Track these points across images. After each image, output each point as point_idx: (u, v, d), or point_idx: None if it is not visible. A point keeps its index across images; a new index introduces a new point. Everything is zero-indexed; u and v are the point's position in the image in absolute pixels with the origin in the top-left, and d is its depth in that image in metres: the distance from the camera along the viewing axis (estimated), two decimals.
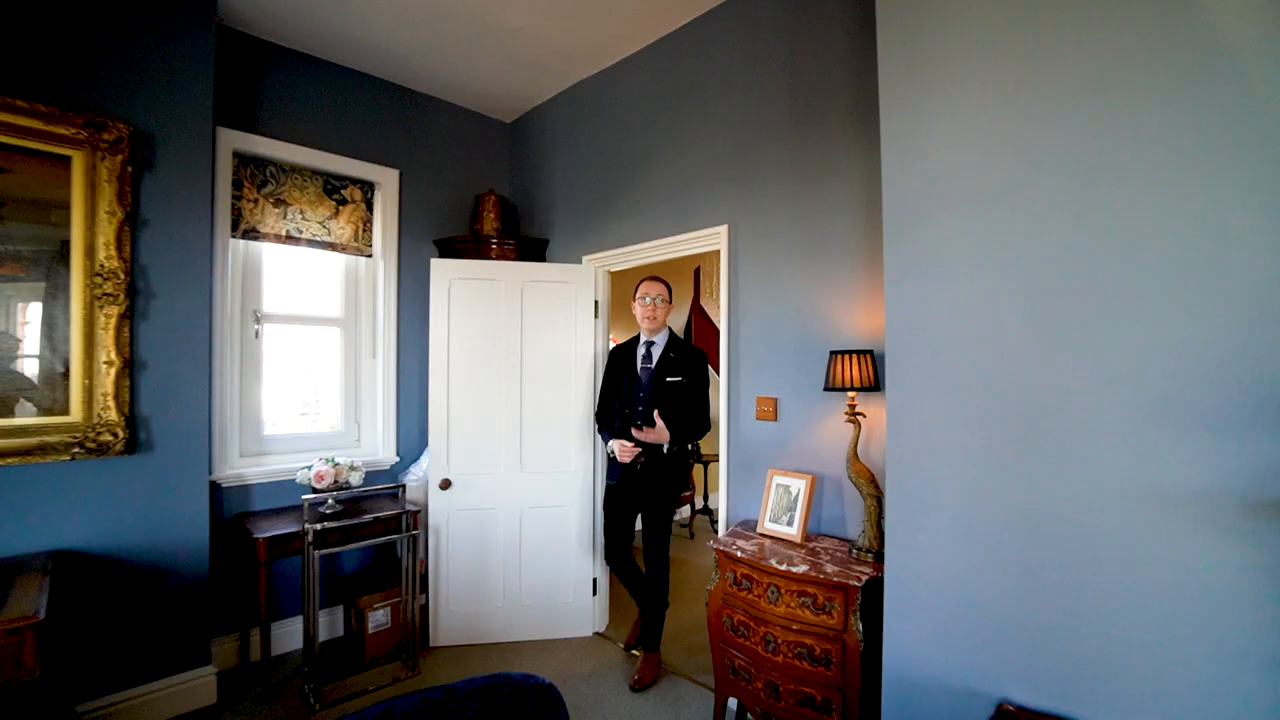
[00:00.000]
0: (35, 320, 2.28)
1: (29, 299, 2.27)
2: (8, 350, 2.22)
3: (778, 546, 2.17)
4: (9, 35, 2.22)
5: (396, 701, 1.09)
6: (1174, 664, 1.16)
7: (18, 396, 2.23)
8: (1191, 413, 1.14)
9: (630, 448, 2.74)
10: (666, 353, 2.86)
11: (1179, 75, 1.17)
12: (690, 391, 2.80)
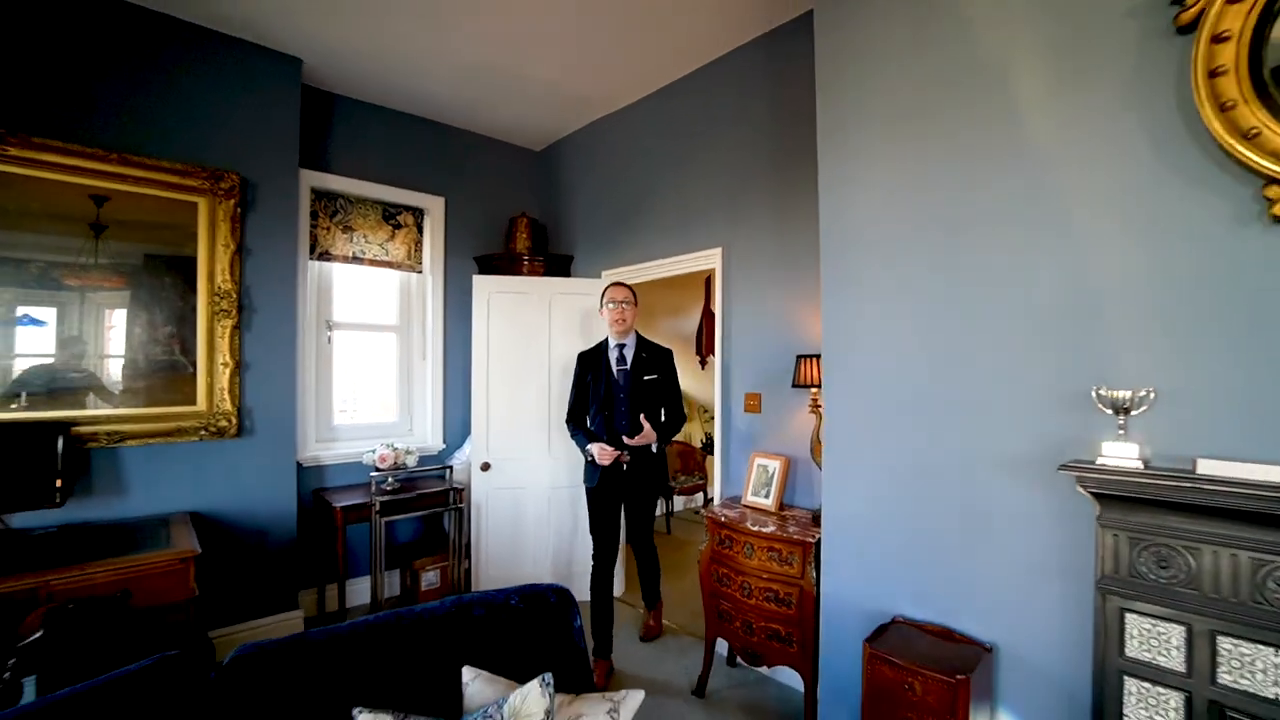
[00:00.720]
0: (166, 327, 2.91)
1: (167, 310, 2.90)
2: (160, 354, 2.85)
3: (755, 514, 2.67)
4: (156, 114, 2.84)
5: (466, 596, 1.63)
6: (1005, 578, 1.63)
7: (147, 390, 2.86)
8: (1019, 403, 1.61)
9: (610, 451, 2.82)
10: (639, 353, 2.99)
11: (1003, 166, 1.63)
12: (665, 387, 2.99)
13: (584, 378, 3.05)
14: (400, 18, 2.89)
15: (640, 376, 2.94)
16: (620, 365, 2.98)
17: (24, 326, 2.58)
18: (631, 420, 2.87)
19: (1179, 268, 1.37)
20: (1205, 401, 1.33)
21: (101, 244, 2.73)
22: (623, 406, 2.91)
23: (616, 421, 2.91)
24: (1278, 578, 1.20)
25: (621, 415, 2.91)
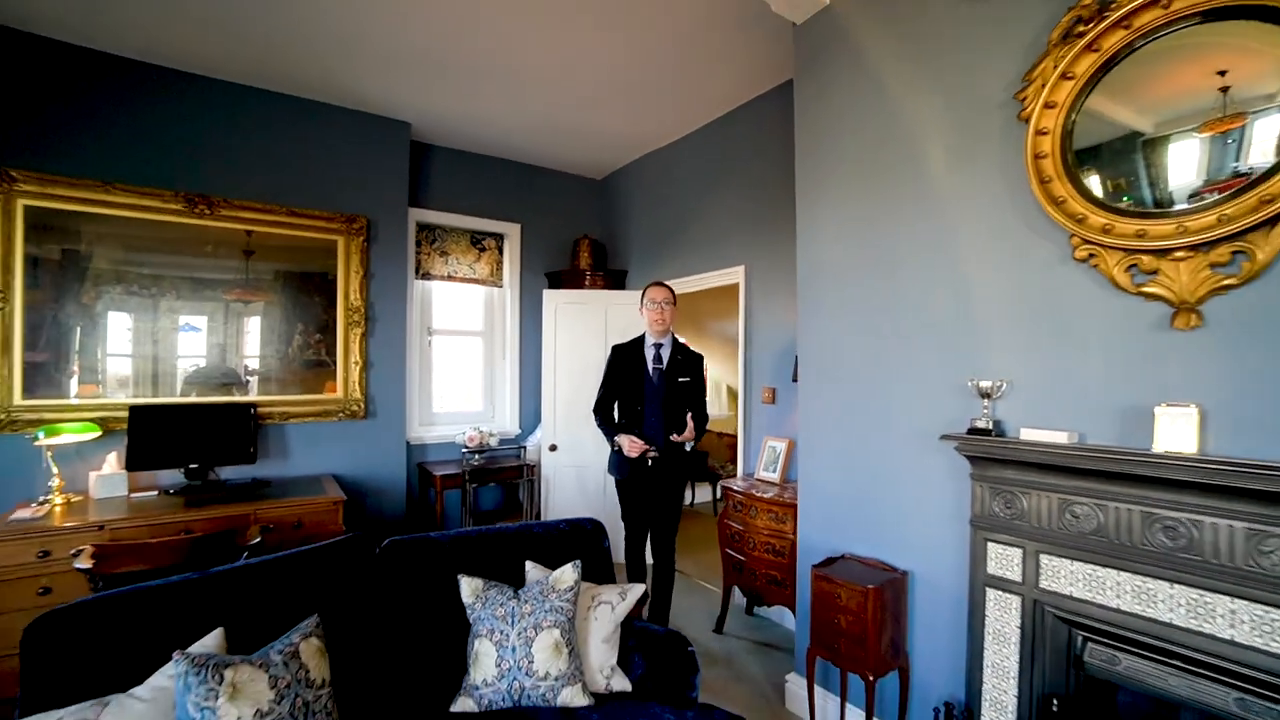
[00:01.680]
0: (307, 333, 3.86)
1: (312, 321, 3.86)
2: (311, 355, 3.81)
3: (763, 485, 3.28)
4: (311, 175, 3.80)
5: (531, 521, 2.36)
6: (918, 523, 2.17)
7: (302, 382, 3.82)
8: (926, 393, 2.14)
9: (639, 443, 2.84)
10: (674, 355, 3.04)
11: (917, 216, 2.16)
12: (695, 390, 3.06)
13: (618, 371, 3.06)
14: (486, 88, 3.70)
15: (675, 377, 3.00)
16: (656, 364, 3.03)
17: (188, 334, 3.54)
18: (662, 419, 2.94)
19: (1023, 293, 1.89)
20: (1033, 388, 1.86)
21: (262, 269, 3.71)
22: (654, 404, 2.97)
23: (647, 418, 2.97)
24: (1074, 510, 1.72)
25: (652, 413, 2.96)
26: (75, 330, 3.24)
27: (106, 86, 3.29)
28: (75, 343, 3.24)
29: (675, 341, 3.09)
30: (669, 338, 3.07)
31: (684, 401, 3.00)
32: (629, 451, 2.86)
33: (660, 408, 2.96)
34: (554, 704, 1.78)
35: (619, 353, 3.11)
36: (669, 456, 2.93)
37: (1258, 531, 1.41)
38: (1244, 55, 1.49)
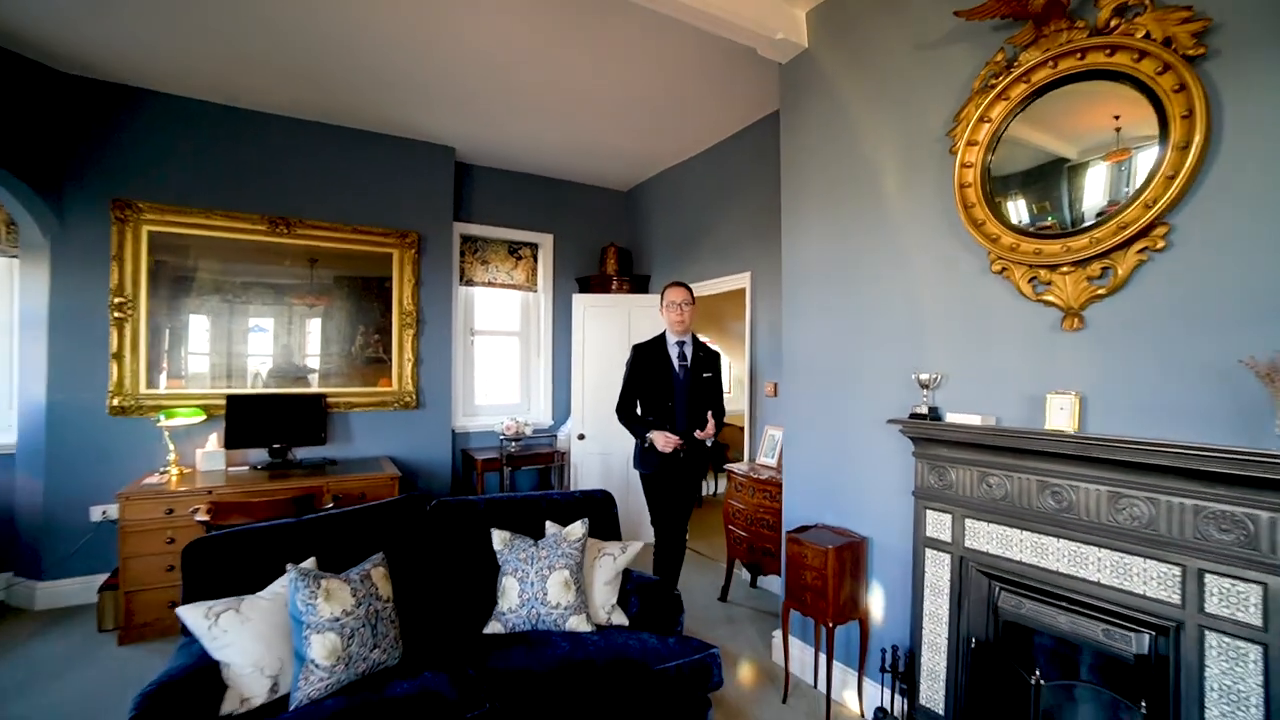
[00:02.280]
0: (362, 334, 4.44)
1: (367, 322, 4.44)
2: (370, 353, 4.40)
3: (761, 469, 3.67)
4: (370, 197, 4.39)
5: (550, 491, 2.83)
6: (876, 496, 2.54)
7: (362, 376, 4.40)
8: (882, 384, 2.50)
9: (673, 439, 2.94)
10: (696, 352, 3.16)
11: (875, 231, 2.52)
12: (715, 386, 3.19)
13: (642, 370, 3.14)
14: (522, 116, 4.20)
15: (699, 374, 3.13)
16: (682, 361, 3.13)
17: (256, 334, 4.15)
18: (690, 414, 3.06)
19: (954, 299, 2.25)
20: (963, 379, 2.21)
21: (325, 277, 4.31)
22: (682, 400, 3.08)
23: (676, 414, 3.07)
24: (989, 480, 2.07)
25: (681, 408, 3.07)
26: (183, 331, 3.90)
27: (206, 129, 3.94)
28: (184, 341, 3.90)
29: (695, 339, 3.21)
30: (689, 335, 3.18)
31: (706, 396, 3.13)
32: (664, 447, 2.94)
33: (688, 404, 3.09)
34: (563, 628, 2.24)
35: (642, 352, 3.18)
36: (693, 450, 3.06)
37: (1115, 494, 1.75)
38: (1128, 103, 1.82)
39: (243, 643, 1.80)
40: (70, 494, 3.65)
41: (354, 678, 1.86)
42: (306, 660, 1.80)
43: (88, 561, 3.68)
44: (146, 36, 3.20)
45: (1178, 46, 1.64)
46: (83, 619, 3.43)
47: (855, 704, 2.60)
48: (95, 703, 2.61)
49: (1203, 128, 1.60)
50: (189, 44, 3.27)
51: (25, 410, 3.70)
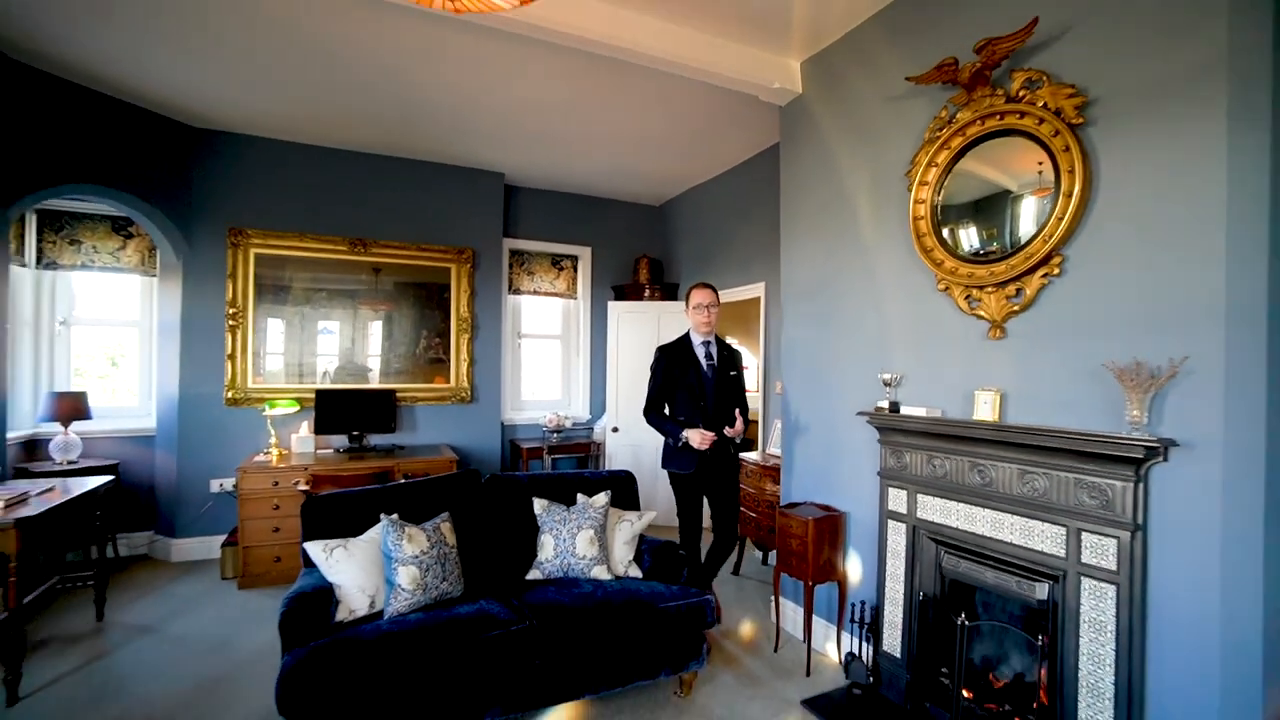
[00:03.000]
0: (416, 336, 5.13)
1: (423, 325, 5.12)
2: (432, 354, 5.09)
3: (769, 458, 4.15)
4: (433, 217, 5.08)
5: (581, 470, 3.40)
6: (852, 477, 2.99)
7: (425, 374, 5.09)
8: (859, 383, 2.96)
9: (709, 435, 3.05)
10: (721, 351, 3.31)
11: (853, 251, 2.96)
12: (740, 383, 3.38)
13: (669, 371, 3.24)
14: (563, 150, 4.81)
15: (726, 372, 3.26)
16: (709, 361, 3.25)
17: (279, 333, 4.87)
18: (719, 412, 3.18)
19: (911, 312, 2.69)
20: (918, 378, 2.65)
21: (389, 286, 5.02)
22: (712, 399, 3.20)
23: (711, 415, 3.17)
24: (934, 462, 2.51)
25: (712, 407, 3.19)
26: (280, 334, 4.66)
27: (300, 166, 4.70)
28: (280, 343, 4.67)
29: (718, 339, 3.33)
30: (714, 335, 3.31)
31: (732, 394, 3.27)
32: (701, 445, 3.04)
33: (716, 402, 3.21)
34: (588, 576, 2.80)
35: (669, 353, 3.28)
36: (725, 446, 3.18)
37: (1023, 470, 2.18)
38: (1042, 154, 2.24)
39: (350, 570, 2.43)
40: (196, 470, 4.45)
41: (429, 601, 2.47)
42: (395, 585, 2.42)
43: (208, 525, 4.48)
44: (254, 95, 3.94)
45: (1065, 116, 2.06)
46: (208, 569, 4.22)
47: (834, 653, 3.07)
48: (227, 627, 3.34)
49: (1081, 181, 2.02)
50: (288, 99, 4.00)
51: (162, 401, 4.53)
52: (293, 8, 2.93)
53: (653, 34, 2.95)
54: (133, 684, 2.78)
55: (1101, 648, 1.96)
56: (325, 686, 2.04)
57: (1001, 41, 2.20)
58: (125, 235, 4.53)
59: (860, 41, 3.01)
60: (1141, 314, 1.92)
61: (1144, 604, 1.89)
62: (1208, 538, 1.76)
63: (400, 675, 2.16)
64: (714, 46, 3.11)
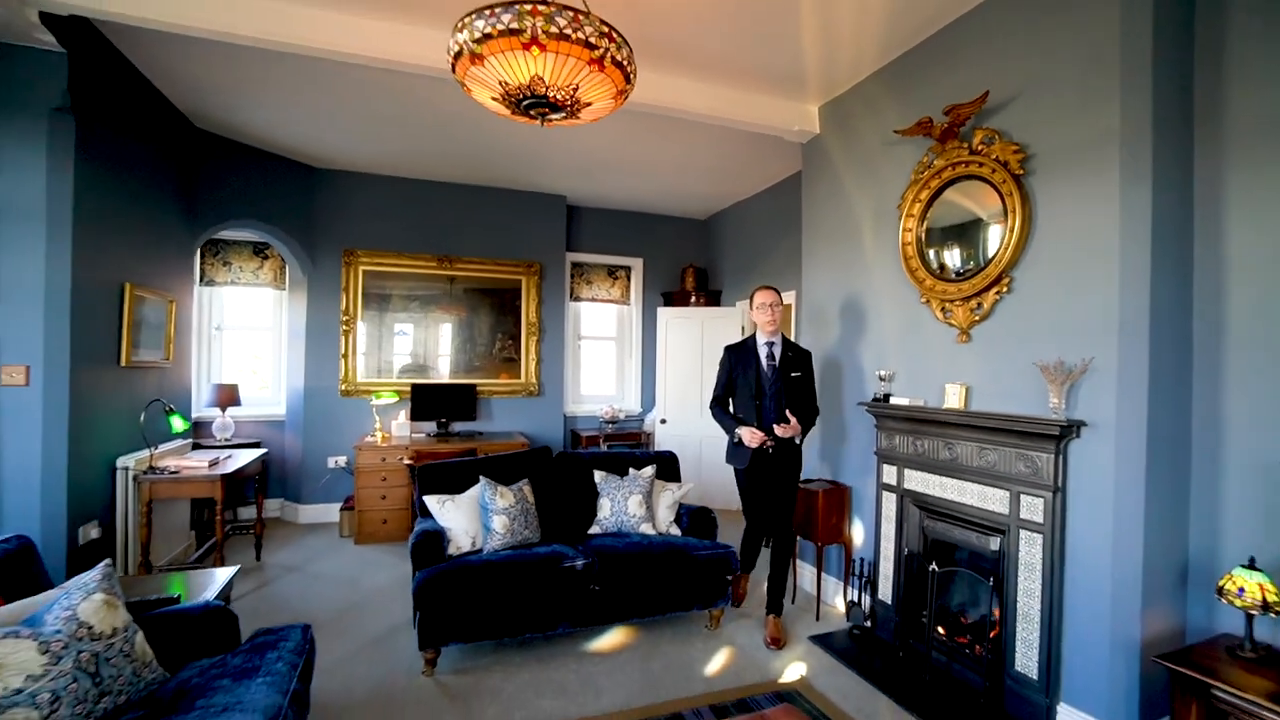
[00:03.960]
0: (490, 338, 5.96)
1: (494, 329, 5.95)
2: (505, 354, 5.92)
3: None
4: (506, 236, 5.92)
5: (633, 449, 4.11)
6: (856, 457, 3.57)
7: (500, 371, 5.92)
8: (861, 377, 3.54)
9: (759, 434, 3.15)
10: (785, 352, 3.34)
11: (860, 267, 3.54)
12: (806, 384, 3.36)
13: (733, 369, 3.38)
14: (618, 175, 5.54)
15: (788, 373, 3.30)
16: (770, 361, 3.32)
17: (381, 337, 5.75)
18: (778, 411, 3.23)
19: (902, 319, 3.27)
20: (907, 374, 3.23)
21: (465, 294, 5.87)
22: (770, 398, 3.26)
23: (764, 411, 3.26)
24: (917, 443, 3.08)
25: (769, 406, 3.26)
26: (380, 337, 5.60)
27: (398, 196, 5.61)
28: (382, 344, 5.60)
29: (785, 339, 3.39)
30: (779, 336, 3.37)
31: (797, 394, 3.30)
32: (750, 442, 3.16)
33: (775, 401, 3.26)
34: (638, 531, 3.51)
35: (734, 352, 3.42)
36: (783, 447, 3.24)
37: (980, 447, 2.74)
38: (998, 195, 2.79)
39: (457, 517, 3.23)
40: (316, 449, 5.43)
41: (515, 543, 3.23)
42: (490, 529, 3.20)
43: (325, 494, 5.44)
44: (364, 141, 4.85)
45: (1010, 167, 2.62)
46: (328, 530, 5.17)
47: (841, 604, 3.67)
48: (352, 570, 4.23)
49: (1022, 219, 2.57)
50: (390, 143, 4.89)
51: (290, 392, 5.54)
52: (406, 80, 3.75)
53: (694, 95, 3.63)
54: (293, 603, 3.67)
55: (1032, 583, 2.51)
56: (446, 594, 2.83)
57: (962, 108, 2.76)
58: (262, 257, 5.56)
59: (865, 92, 3.59)
60: (1063, 324, 2.46)
61: (1062, 548, 2.44)
62: (1105, 497, 2.30)
63: (497, 592, 2.92)
64: (745, 101, 3.77)
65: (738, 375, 3.37)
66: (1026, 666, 2.54)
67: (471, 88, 1.93)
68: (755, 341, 3.38)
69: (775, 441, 3.21)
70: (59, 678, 1.53)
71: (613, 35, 1.78)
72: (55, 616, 1.63)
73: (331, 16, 2.97)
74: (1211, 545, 2.25)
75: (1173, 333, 2.27)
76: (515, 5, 1.66)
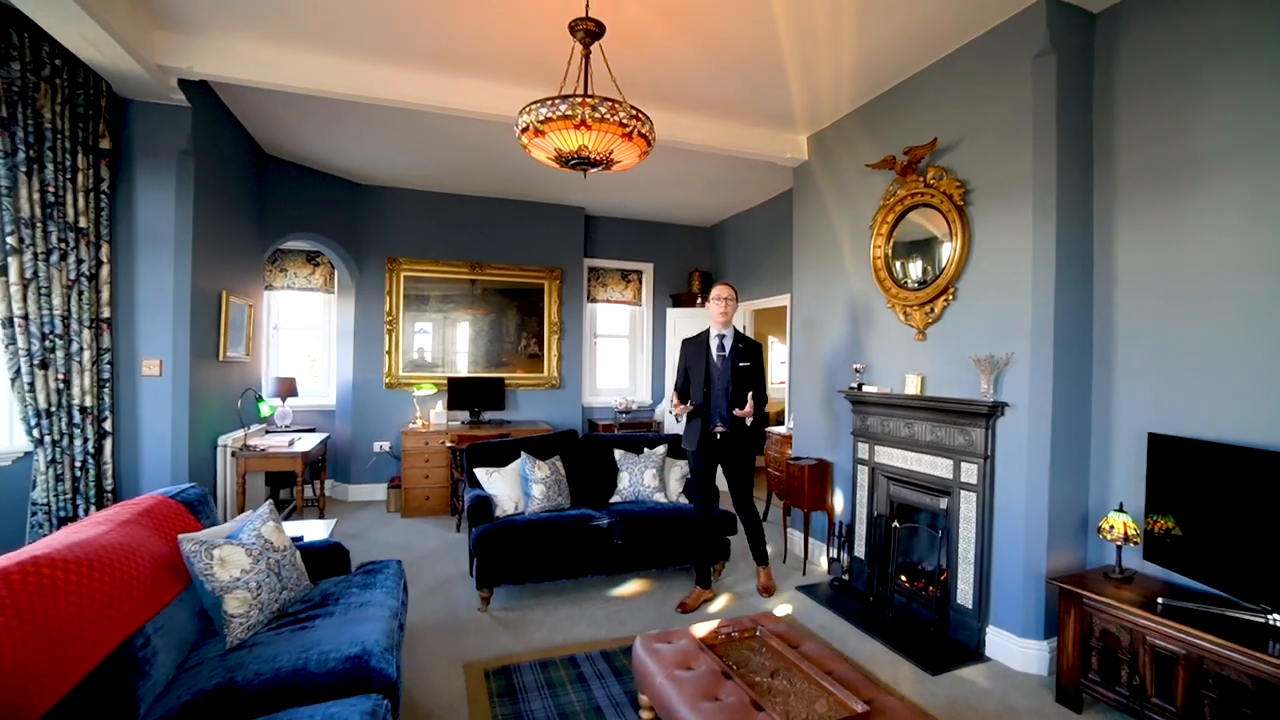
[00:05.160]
0: (517, 336, 6.62)
1: (521, 328, 6.62)
2: (530, 350, 6.59)
3: (789, 431, 5.39)
4: (531, 243, 6.58)
5: (648, 433, 4.76)
6: (836, 436, 4.22)
7: (525, 366, 6.59)
8: (843, 370, 4.17)
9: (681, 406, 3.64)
10: (736, 344, 3.68)
11: (840, 276, 4.16)
12: (755, 373, 3.70)
13: (689, 360, 3.76)
14: (634, 188, 6.19)
15: (736, 363, 3.67)
16: (720, 352, 3.68)
17: (420, 335, 6.42)
18: (728, 398, 3.60)
19: (873, 321, 3.90)
20: (877, 366, 3.86)
21: (495, 296, 6.54)
22: (720, 386, 3.64)
23: (714, 398, 3.64)
24: (885, 423, 3.72)
25: (719, 394, 3.63)
26: (414, 334, 6.27)
27: (436, 209, 6.28)
28: (420, 341, 6.28)
29: (736, 332, 3.74)
30: (730, 330, 3.71)
31: (746, 383, 3.64)
32: (676, 413, 3.68)
33: (726, 389, 3.62)
34: (651, 499, 4.16)
35: (688, 344, 3.83)
36: (735, 430, 3.60)
37: (931, 425, 3.38)
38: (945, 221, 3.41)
39: (502, 486, 3.89)
40: (364, 434, 6.11)
41: (551, 507, 3.89)
42: (530, 496, 3.86)
43: (371, 475, 6.13)
44: (406, 161, 5.52)
45: (954, 199, 3.25)
46: (375, 506, 5.86)
47: (824, 562, 4.31)
48: (403, 538, 4.91)
49: (963, 241, 3.20)
50: (428, 163, 5.55)
51: (339, 385, 6.23)
52: (449, 118, 4.40)
53: (700, 130, 4.27)
54: (362, 560, 4.34)
55: (970, 533, 3.15)
56: (497, 546, 3.49)
57: (918, 149, 3.40)
58: (314, 264, 6.24)
59: (843, 129, 4.22)
60: (993, 326, 3.09)
61: (991, 504, 3.07)
62: (1021, 462, 2.93)
63: (538, 545, 3.58)
64: (743, 133, 4.40)
65: (691, 365, 3.71)
66: (965, 599, 3.17)
67: (532, 150, 2.58)
68: (709, 334, 3.75)
69: (726, 428, 3.56)
70: (258, 573, 2.21)
71: (640, 116, 2.42)
72: (248, 534, 2.30)
73: (400, 74, 3.62)
74: (1104, 499, 2.88)
75: (1074, 333, 2.89)
76: (570, 98, 2.31)
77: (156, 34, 3.18)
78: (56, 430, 3.11)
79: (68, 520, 3.14)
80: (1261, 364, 2.32)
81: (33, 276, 3.02)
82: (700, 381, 3.65)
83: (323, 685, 1.88)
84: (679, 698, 1.91)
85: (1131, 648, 2.34)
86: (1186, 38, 2.58)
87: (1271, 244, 2.30)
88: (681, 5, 2.92)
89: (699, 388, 3.65)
